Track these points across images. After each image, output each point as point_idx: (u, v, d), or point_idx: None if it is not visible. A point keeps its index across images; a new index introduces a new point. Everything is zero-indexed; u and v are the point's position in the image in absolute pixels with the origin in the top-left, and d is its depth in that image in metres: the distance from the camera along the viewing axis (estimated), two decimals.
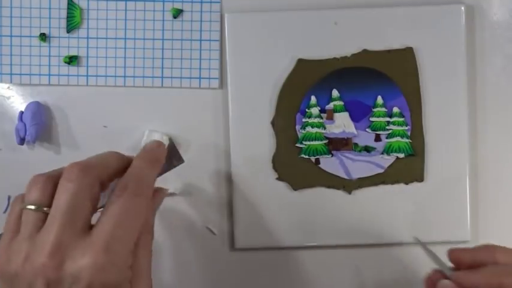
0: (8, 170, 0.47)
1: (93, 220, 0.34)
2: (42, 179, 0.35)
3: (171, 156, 0.47)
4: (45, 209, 0.34)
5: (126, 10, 0.46)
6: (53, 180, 0.35)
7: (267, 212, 0.46)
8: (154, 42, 0.47)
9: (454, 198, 0.45)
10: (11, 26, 0.46)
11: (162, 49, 0.47)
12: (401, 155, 0.45)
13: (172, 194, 0.47)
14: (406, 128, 0.45)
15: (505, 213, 0.47)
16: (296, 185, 0.46)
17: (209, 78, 0.47)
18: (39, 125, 0.45)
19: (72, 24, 0.46)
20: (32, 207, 0.35)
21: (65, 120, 0.47)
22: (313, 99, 0.46)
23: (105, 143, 0.47)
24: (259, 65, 0.46)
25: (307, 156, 0.46)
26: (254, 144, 0.46)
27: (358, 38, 0.45)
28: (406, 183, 0.46)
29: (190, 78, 0.47)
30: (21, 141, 0.46)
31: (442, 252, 0.37)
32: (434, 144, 0.45)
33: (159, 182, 0.47)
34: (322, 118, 0.46)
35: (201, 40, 0.46)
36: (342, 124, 0.46)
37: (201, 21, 0.46)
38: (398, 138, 0.45)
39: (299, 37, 0.46)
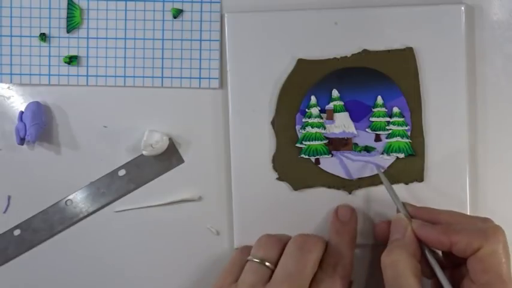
0: (8, 170, 0.47)
1: None
2: (271, 240, 0.41)
3: (171, 156, 0.47)
4: (267, 264, 0.39)
5: (126, 10, 0.46)
6: (281, 243, 0.41)
7: (267, 212, 0.46)
8: (154, 42, 0.47)
9: (454, 198, 0.45)
10: (11, 26, 0.46)
11: (162, 49, 0.47)
12: (401, 155, 0.45)
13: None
14: (406, 128, 0.45)
15: (505, 213, 0.47)
16: (296, 185, 0.46)
17: (209, 78, 0.47)
18: (39, 125, 0.45)
19: (72, 24, 0.46)
20: (257, 260, 0.40)
21: (65, 120, 0.47)
22: (313, 99, 0.46)
23: (105, 143, 0.47)
24: (259, 65, 0.46)
25: (307, 156, 0.46)
26: (254, 144, 0.46)
27: (358, 38, 0.45)
28: (406, 183, 0.46)
29: (190, 78, 0.47)
30: (21, 141, 0.46)
31: None
32: (434, 144, 0.45)
33: (159, 183, 0.47)
34: (322, 118, 0.46)
35: (201, 40, 0.46)
36: (342, 124, 0.46)
37: (201, 21, 0.46)
38: (399, 138, 0.45)
39: (299, 37, 0.45)
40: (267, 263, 0.40)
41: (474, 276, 0.36)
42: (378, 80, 0.45)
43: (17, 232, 0.47)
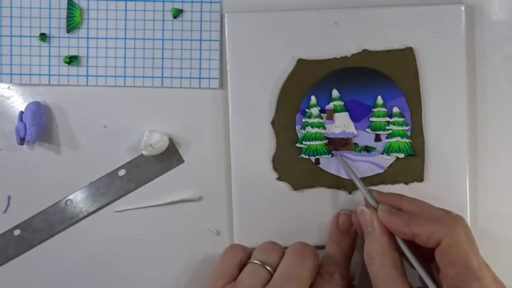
0: (8, 170, 0.47)
1: None
2: (274, 246, 0.42)
3: (171, 156, 0.47)
4: (267, 267, 0.40)
5: (126, 10, 0.46)
6: (282, 251, 0.42)
7: (267, 212, 0.46)
8: (154, 42, 0.47)
9: (454, 198, 0.45)
10: (11, 26, 0.46)
11: (162, 49, 0.47)
12: (401, 155, 0.45)
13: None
14: (406, 128, 0.45)
15: (505, 213, 0.47)
16: (296, 185, 0.46)
17: (209, 78, 0.47)
18: (39, 125, 0.45)
19: (72, 24, 0.46)
20: (258, 262, 0.40)
21: (65, 120, 0.47)
22: (313, 99, 0.46)
23: (105, 143, 0.47)
24: (259, 65, 0.46)
25: (307, 156, 0.46)
26: (254, 144, 0.46)
27: (358, 38, 0.45)
28: (406, 183, 0.46)
29: (190, 78, 0.47)
30: (21, 141, 0.46)
31: None
32: (434, 144, 0.45)
33: (159, 183, 0.47)
34: (322, 118, 0.46)
35: (201, 40, 0.46)
36: (342, 124, 0.46)
37: (201, 21, 0.46)
38: (398, 138, 0.45)
39: (299, 37, 0.46)
40: (267, 267, 0.40)
41: (444, 269, 0.36)
42: (378, 80, 0.45)
43: (17, 232, 0.47)
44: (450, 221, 0.37)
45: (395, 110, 0.45)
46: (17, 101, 0.47)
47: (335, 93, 0.45)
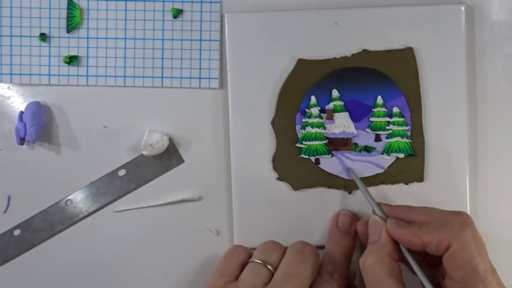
0: (8, 170, 0.47)
1: None
2: (275, 246, 0.42)
3: (171, 156, 0.47)
4: (268, 266, 0.40)
5: (126, 10, 0.46)
6: (283, 250, 0.42)
7: (267, 212, 0.46)
8: (154, 42, 0.47)
9: (454, 198, 0.45)
10: (11, 26, 0.46)
11: (162, 49, 0.47)
12: (401, 155, 0.45)
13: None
14: (406, 128, 0.45)
15: (505, 213, 0.47)
16: (296, 185, 0.46)
17: (209, 78, 0.47)
18: (39, 125, 0.45)
19: (72, 24, 0.46)
20: (259, 261, 0.40)
21: (65, 120, 0.47)
22: (313, 99, 0.46)
23: (105, 143, 0.47)
24: (259, 65, 0.46)
25: (307, 156, 0.46)
26: (254, 144, 0.46)
27: (358, 38, 0.45)
28: (406, 183, 0.46)
29: (190, 78, 0.47)
30: (21, 141, 0.46)
31: None
32: (434, 144, 0.45)
33: (159, 183, 0.47)
34: (322, 118, 0.46)
35: (201, 40, 0.46)
36: (342, 124, 0.46)
37: (201, 21, 0.46)
38: (398, 138, 0.45)
39: (299, 37, 0.46)
40: (268, 266, 0.40)
41: (450, 273, 0.36)
42: (378, 80, 0.45)
43: (17, 232, 0.47)
44: (458, 225, 0.37)
45: (395, 110, 0.45)
46: (17, 101, 0.47)
47: (335, 93, 0.45)
